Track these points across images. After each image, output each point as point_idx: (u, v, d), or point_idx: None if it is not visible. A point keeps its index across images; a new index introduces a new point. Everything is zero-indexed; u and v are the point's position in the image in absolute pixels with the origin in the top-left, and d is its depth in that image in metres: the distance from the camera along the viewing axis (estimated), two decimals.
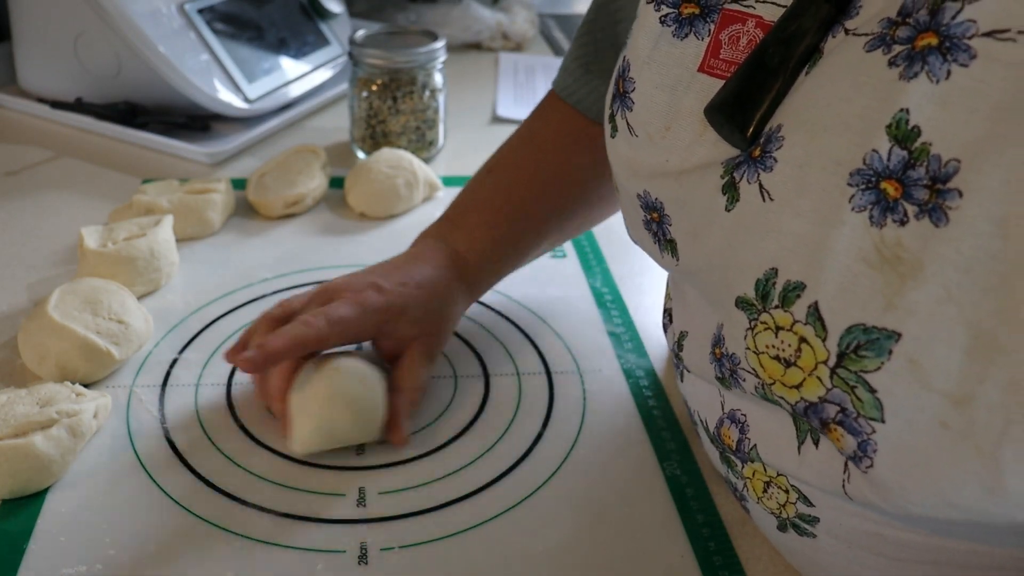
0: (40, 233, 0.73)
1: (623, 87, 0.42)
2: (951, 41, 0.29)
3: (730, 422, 0.42)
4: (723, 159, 0.37)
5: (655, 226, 0.42)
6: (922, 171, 0.29)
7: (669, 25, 0.40)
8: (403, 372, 0.53)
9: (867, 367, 0.31)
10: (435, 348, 0.55)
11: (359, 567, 0.44)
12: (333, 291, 0.53)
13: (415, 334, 0.53)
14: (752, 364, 0.36)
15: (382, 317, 0.52)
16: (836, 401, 0.32)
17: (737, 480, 0.43)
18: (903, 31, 0.31)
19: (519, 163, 0.60)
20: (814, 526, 0.39)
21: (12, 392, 0.51)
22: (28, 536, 0.45)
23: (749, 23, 0.38)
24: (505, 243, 0.59)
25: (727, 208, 0.36)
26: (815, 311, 0.32)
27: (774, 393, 0.35)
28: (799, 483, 0.39)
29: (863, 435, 0.32)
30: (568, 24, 1.46)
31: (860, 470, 0.33)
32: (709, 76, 0.39)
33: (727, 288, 0.37)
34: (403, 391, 0.52)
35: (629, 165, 0.43)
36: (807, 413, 0.34)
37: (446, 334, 0.56)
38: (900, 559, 0.37)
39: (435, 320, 0.55)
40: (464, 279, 0.57)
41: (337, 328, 0.50)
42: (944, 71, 0.29)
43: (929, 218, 0.29)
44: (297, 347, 0.49)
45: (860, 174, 0.31)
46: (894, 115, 0.30)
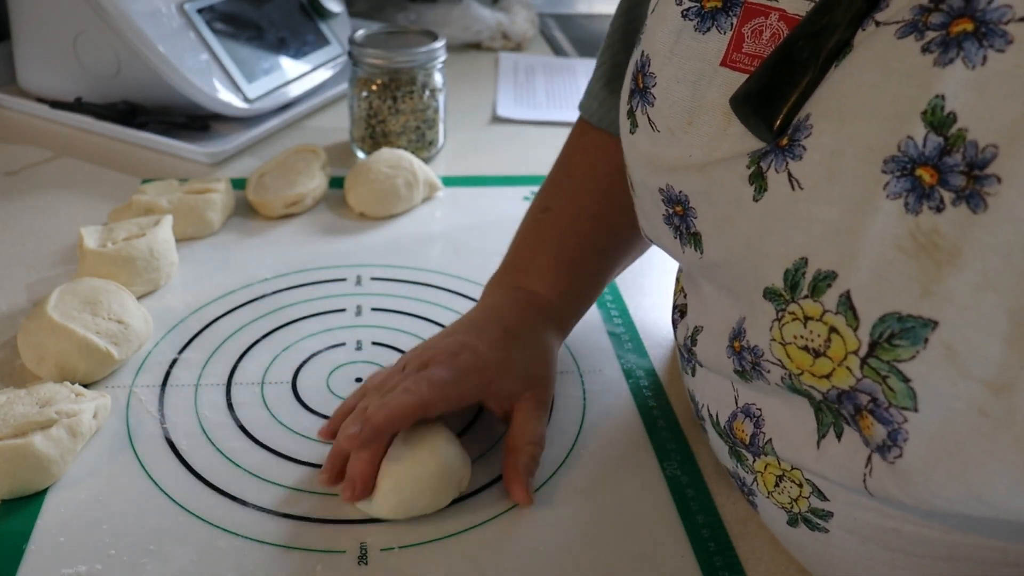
0: (40, 233, 0.73)
1: (643, 82, 0.42)
2: (987, 27, 0.29)
3: (744, 416, 0.42)
4: (749, 151, 0.37)
5: (678, 220, 0.42)
6: (959, 157, 0.29)
7: (691, 19, 0.40)
8: (517, 429, 0.50)
9: (901, 356, 0.31)
10: (545, 397, 0.53)
11: (359, 567, 0.44)
12: (427, 357, 0.51)
13: (521, 389, 0.51)
14: (778, 355, 0.36)
15: (486, 377, 0.50)
16: (866, 391, 0.32)
17: (746, 474, 0.43)
18: (936, 17, 0.31)
19: (573, 198, 0.59)
20: (827, 521, 0.39)
21: (12, 392, 0.51)
22: (28, 536, 0.45)
23: (772, 16, 0.37)
24: (582, 280, 0.58)
25: (755, 198, 0.36)
26: (847, 300, 0.32)
27: (802, 383, 0.35)
28: (815, 477, 0.39)
29: (894, 424, 0.32)
30: (568, 24, 1.46)
31: (887, 461, 0.33)
32: (732, 70, 0.38)
33: (754, 279, 0.37)
34: (520, 449, 0.49)
35: (650, 160, 0.42)
36: (840, 400, 0.34)
37: (552, 379, 0.54)
38: (914, 554, 0.37)
39: (538, 367, 0.53)
40: (550, 319, 0.56)
41: (441, 393, 0.48)
42: (980, 57, 0.29)
43: (967, 204, 0.29)
44: (402, 419, 0.47)
45: (895, 161, 0.31)
46: (929, 101, 0.30)
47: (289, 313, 0.64)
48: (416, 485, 0.46)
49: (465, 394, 0.50)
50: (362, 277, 0.69)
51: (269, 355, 0.60)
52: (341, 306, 0.66)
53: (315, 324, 0.63)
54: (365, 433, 0.46)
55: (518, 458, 0.49)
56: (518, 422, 0.51)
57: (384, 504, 0.46)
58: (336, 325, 0.63)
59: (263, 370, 0.58)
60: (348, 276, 0.69)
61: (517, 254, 0.60)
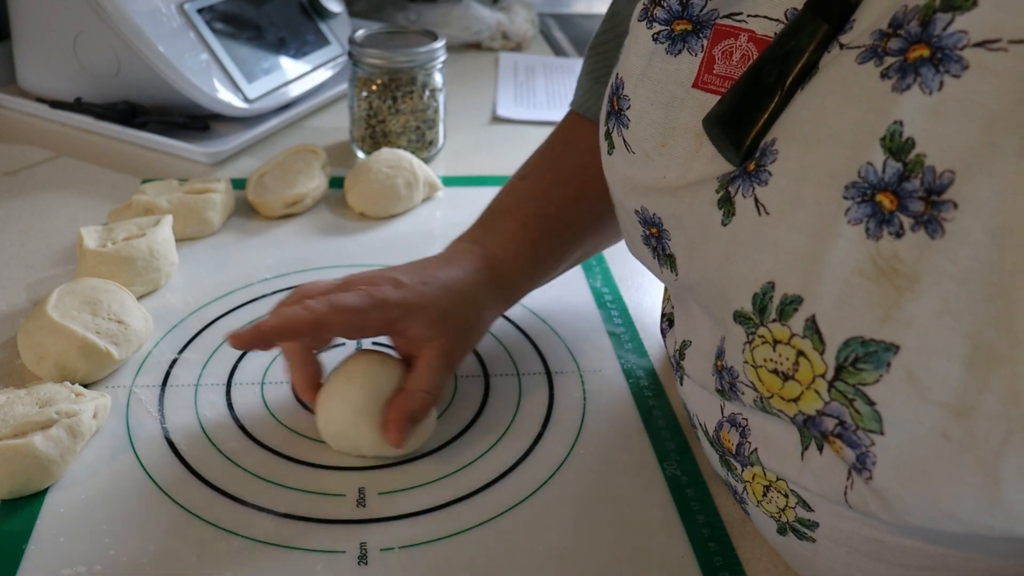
0: (39, 233, 0.73)
1: (618, 104, 0.42)
2: (943, 52, 0.29)
3: (730, 425, 0.42)
4: (719, 174, 0.37)
5: (654, 241, 0.42)
6: (917, 183, 0.29)
7: (662, 42, 0.40)
8: (414, 372, 0.50)
9: (865, 380, 0.31)
10: (455, 352, 0.52)
11: (359, 567, 0.44)
12: (351, 282, 0.51)
13: (431, 336, 0.51)
14: (750, 378, 0.36)
15: (394, 313, 0.50)
16: (834, 414, 0.32)
17: (737, 483, 0.43)
18: (895, 43, 0.31)
19: (553, 167, 0.60)
20: (813, 531, 0.39)
21: (11, 392, 0.51)
22: (28, 536, 0.45)
23: (742, 37, 0.38)
24: (542, 246, 0.58)
25: (723, 222, 0.36)
26: (812, 324, 0.32)
27: (772, 407, 0.35)
28: (799, 488, 0.39)
29: (862, 447, 0.32)
30: (568, 24, 1.46)
31: (861, 479, 0.33)
32: (704, 92, 0.39)
33: (725, 302, 0.37)
34: (410, 392, 0.49)
35: (626, 182, 0.42)
36: (807, 425, 0.34)
37: (470, 340, 0.54)
38: (899, 565, 0.37)
39: (457, 324, 0.52)
40: (498, 283, 0.55)
41: (340, 316, 0.48)
42: (937, 82, 0.29)
43: (925, 230, 0.29)
44: (291, 328, 0.47)
45: (855, 187, 0.31)
46: (888, 127, 0.30)
47: None
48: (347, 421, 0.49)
49: (367, 324, 0.50)
50: None
51: (269, 355, 0.59)
52: None
53: None
54: (251, 336, 0.47)
55: (404, 400, 0.49)
56: (417, 367, 0.50)
57: (326, 432, 0.50)
58: None
59: (263, 370, 0.58)
60: None
61: (485, 215, 0.60)
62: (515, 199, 0.59)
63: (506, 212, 0.59)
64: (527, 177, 0.60)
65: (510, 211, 0.59)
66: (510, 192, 0.60)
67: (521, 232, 0.57)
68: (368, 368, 0.51)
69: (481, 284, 0.54)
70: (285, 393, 0.56)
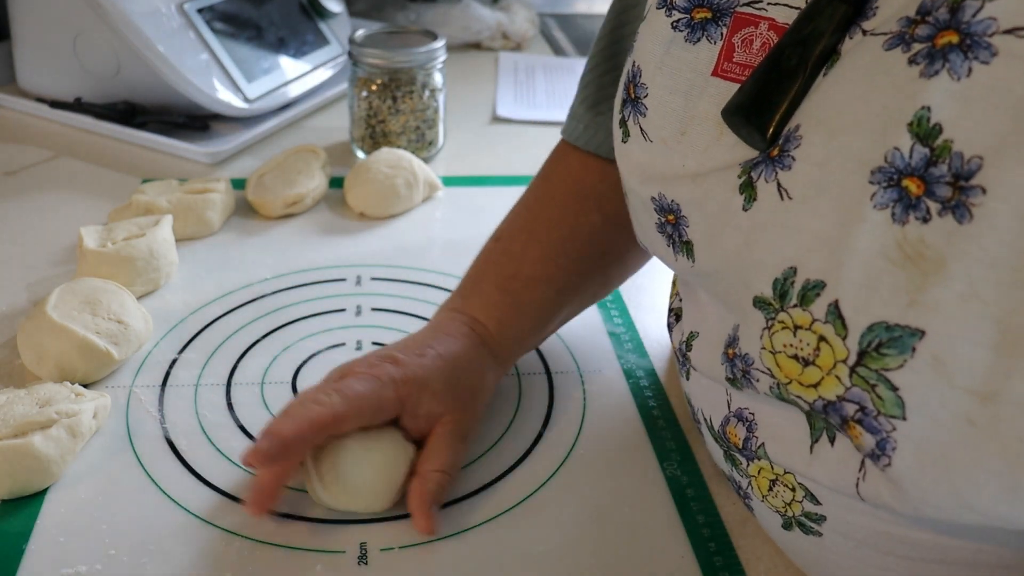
0: (39, 233, 0.73)
1: (634, 92, 0.42)
2: (972, 39, 0.29)
3: (737, 420, 0.42)
4: (741, 160, 0.37)
5: (670, 228, 0.42)
6: (944, 168, 0.29)
7: (681, 30, 0.40)
8: (427, 452, 0.48)
9: (889, 365, 0.31)
10: (466, 425, 0.50)
11: (359, 567, 0.44)
12: (347, 369, 0.49)
13: (441, 411, 0.49)
14: (767, 363, 0.36)
15: (404, 390, 0.47)
16: (855, 400, 0.32)
17: (741, 478, 0.43)
18: (922, 29, 0.31)
19: (528, 227, 0.57)
20: (820, 524, 0.39)
21: (11, 392, 0.51)
22: (27, 536, 0.45)
23: (762, 26, 0.38)
24: (523, 308, 0.55)
25: (744, 208, 0.36)
26: (835, 309, 0.32)
27: (790, 392, 0.35)
28: (807, 481, 0.39)
29: (882, 433, 0.32)
30: (568, 24, 1.46)
31: (878, 468, 0.33)
32: (723, 80, 0.38)
33: (744, 288, 0.37)
34: (426, 475, 0.47)
35: (643, 170, 0.42)
36: (826, 411, 0.34)
37: (477, 409, 0.52)
38: (907, 557, 0.37)
39: (462, 394, 0.50)
40: (488, 347, 0.53)
41: (355, 405, 0.45)
42: (965, 68, 0.29)
43: (952, 215, 0.29)
44: (311, 431, 0.44)
45: (882, 172, 0.31)
46: (915, 112, 0.30)
47: (289, 313, 0.64)
48: (359, 479, 0.46)
49: (382, 407, 0.47)
50: (362, 277, 0.69)
51: (269, 355, 0.60)
52: (341, 306, 0.65)
53: (315, 324, 0.63)
54: (274, 448, 0.43)
55: (423, 485, 0.46)
56: (430, 446, 0.48)
57: (327, 492, 0.46)
58: (336, 325, 0.63)
59: (263, 370, 0.58)
60: (348, 276, 0.69)
61: (465, 280, 0.58)
62: (490, 264, 0.57)
63: (482, 278, 0.57)
64: (501, 239, 0.58)
65: (486, 276, 0.56)
66: (486, 256, 0.58)
67: (499, 295, 0.55)
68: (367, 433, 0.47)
69: (475, 350, 0.52)
70: (285, 393, 0.56)
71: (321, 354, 0.60)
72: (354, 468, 0.46)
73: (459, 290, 0.57)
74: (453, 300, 0.56)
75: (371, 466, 0.46)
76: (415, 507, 0.46)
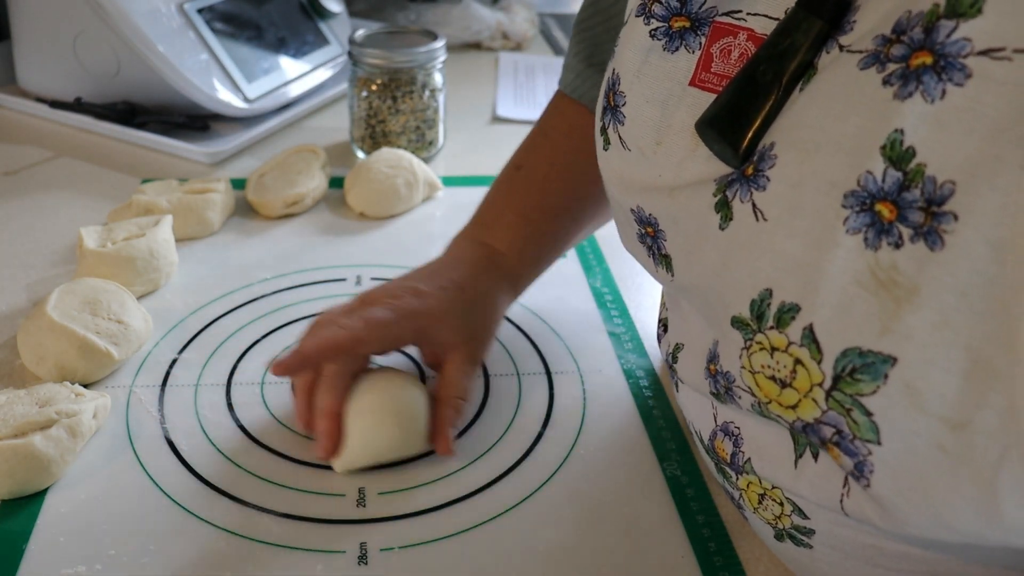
0: (39, 233, 0.73)
1: (613, 100, 0.42)
2: (946, 60, 0.28)
3: (723, 435, 0.42)
4: (716, 176, 0.37)
5: (650, 240, 0.42)
6: (917, 193, 0.29)
7: (659, 39, 0.40)
8: (447, 380, 0.51)
9: (863, 391, 0.30)
10: (479, 353, 0.53)
11: (359, 567, 0.44)
12: (371, 298, 0.51)
13: (458, 340, 0.52)
14: (748, 383, 0.36)
15: (423, 322, 0.50)
16: (832, 423, 0.32)
17: (733, 490, 0.43)
18: (897, 49, 0.30)
19: (547, 159, 0.60)
20: (810, 537, 0.39)
21: (11, 392, 0.51)
22: (28, 536, 0.45)
23: (740, 36, 0.37)
24: (543, 237, 0.58)
25: (721, 227, 0.36)
26: (810, 333, 0.32)
27: (771, 412, 0.35)
28: (794, 496, 0.38)
29: (859, 456, 0.32)
30: (568, 24, 1.46)
31: (859, 487, 0.33)
32: (701, 90, 0.38)
33: (722, 307, 0.36)
34: (447, 400, 0.51)
35: (622, 179, 0.42)
36: (806, 431, 0.34)
37: (490, 338, 0.55)
38: (897, 570, 0.37)
39: (478, 324, 0.53)
40: (506, 277, 0.56)
41: (375, 332, 0.48)
42: (939, 90, 0.28)
43: (924, 241, 0.29)
44: (331, 349, 0.47)
45: (854, 195, 0.30)
46: (888, 135, 0.30)
47: (289, 313, 0.64)
48: (381, 434, 0.48)
49: (401, 335, 0.50)
50: (362, 277, 0.69)
51: (269, 355, 0.59)
52: None
53: None
54: (294, 360, 0.46)
55: (445, 411, 0.50)
56: (448, 373, 0.51)
57: (353, 459, 0.49)
58: None
59: (263, 370, 0.58)
60: (348, 276, 0.69)
61: (485, 209, 0.60)
62: (513, 193, 0.59)
63: (505, 206, 0.59)
64: (523, 167, 0.60)
65: (509, 205, 0.59)
66: (508, 183, 0.60)
67: (523, 226, 0.57)
68: (387, 382, 0.51)
69: (492, 280, 0.55)
70: (285, 393, 0.56)
71: None
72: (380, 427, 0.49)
73: (479, 217, 0.60)
74: (473, 229, 0.59)
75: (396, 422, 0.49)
76: (438, 432, 0.50)
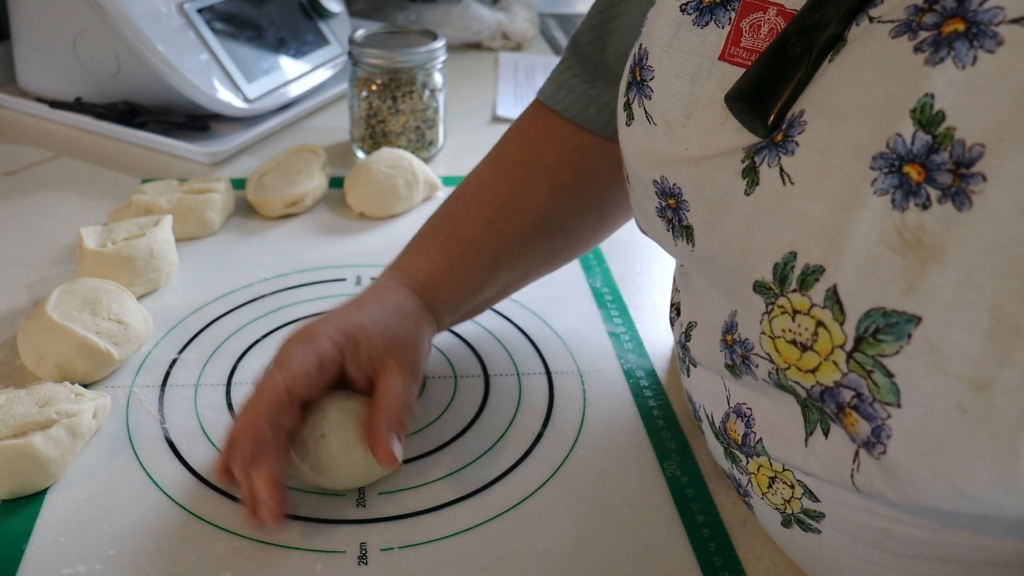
0: (39, 233, 0.73)
1: (640, 75, 0.42)
2: (978, 27, 0.29)
3: (736, 416, 0.42)
4: (744, 145, 0.37)
5: (670, 212, 0.42)
6: (946, 155, 0.29)
7: (690, 13, 0.40)
8: (382, 391, 0.47)
9: (885, 351, 0.31)
10: (410, 364, 0.49)
11: (359, 567, 0.44)
12: (283, 343, 0.48)
13: (381, 351, 0.48)
14: (767, 349, 0.36)
15: (339, 339, 0.47)
16: (852, 386, 0.32)
17: (741, 476, 0.43)
18: (929, 17, 0.31)
19: (473, 192, 0.58)
20: (819, 521, 0.39)
21: (11, 392, 0.51)
22: (27, 536, 0.45)
23: (770, 11, 0.38)
24: (458, 268, 0.55)
25: (747, 192, 0.36)
26: (833, 294, 0.32)
27: (788, 378, 0.35)
28: (805, 477, 0.39)
29: (878, 420, 0.32)
30: (568, 24, 1.46)
31: (872, 457, 0.33)
32: (730, 64, 0.39)
33: (744, 272, 0.37)
34: (383, 407, 0.47)
35: (645, 153, 0.42)
36: (823, 397, 0.34)
37: (416, 351, 0.51)
38: (905, 555, 0.37)
39: (399, 335, 0.50)
40: (422, 300, 0.54)
41: (297, 371, 0.45)
42: (970, 57, 0.29)
43: (952, 202, 0.29)
44: (265, 415, 0.44)
45: (883, 158, 0.31)
46: (918, 99, 0.30)
47: (289, 313, 0.64)
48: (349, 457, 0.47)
49: (323, 361, 0.46)
50: (362, 277, 0.69)
51: (269, 355, 0.60)
52: None
53: None
54: (247, 452, 0.43)
55: (379, 416, 0.46)
56: (381, 385, 0.48)
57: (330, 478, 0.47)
58: None
59: (263, 370, 0.58)
60: (348, 276, 0.69)
61: (408, 243, 0.58)
62: (432, 224, 0.58)
63: (423, 239, 0.57)
64: (447, 202, 0.59)
65: (426, 237, 0.57)
66: (430, 219, 0.59)
67: (436, 254, 0.55)
68: (338, 403, 0.48)
69: (407, 299, 0.53)
70: None
71: None
72: (337, 448, 0.46)
73: (401, 252, 0.58)
74: (397, 258, 0.57)
75: (352, 440, 0.47)
76: (373, 439, 0.46)
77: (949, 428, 0.30)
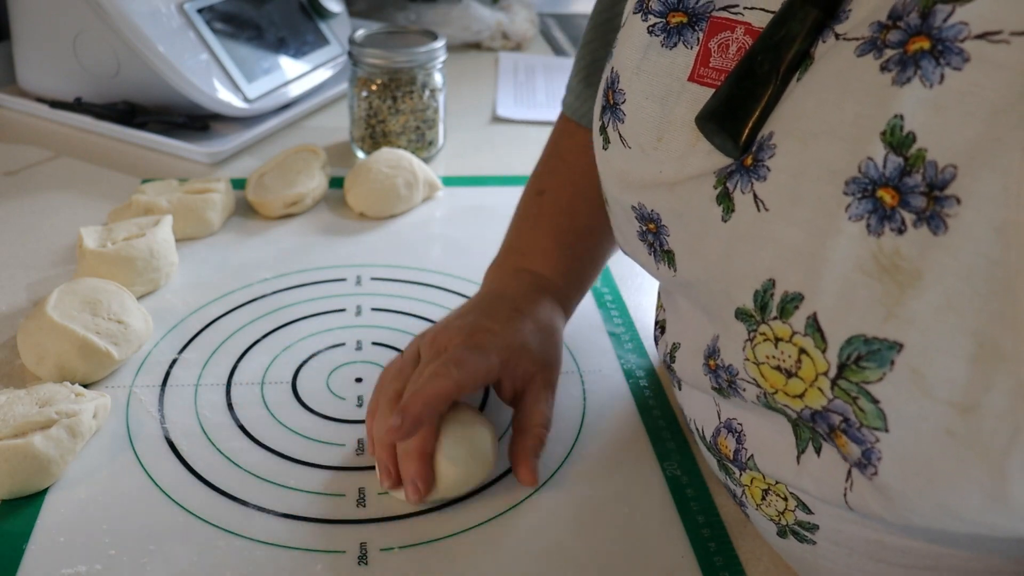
0: (39, 233, 0.73)
1: (613, 98, 0.42)
2: (943, 44, 0.29)
3: (727, 431, 0.42)
4: (716, 168, 0.37)
5: (651, 237, 0.42)
6: (919, 178, 0.29)
7: (657, 35, 0.40)
8: (528, 410, 0.51)
9: (869, 378, 0.30)
10: (554, 380, 0.53)
11: (359, 567, 0.44)
12: (443, 341, 0.51)
13: (535, 369, 0.51)
14: (752, 374, 0.36)
15: (504, 355, 0.50)
16: (839, 411, 0.32)
17: (735, 487, 0.43)
18: (894, 35, 0.30)
19: (568, 181, 0.59)
20: (813, 533, 0.39)
21: (11, 392, 0.51)
22: (27, 536, 0.45)
23: (738, 30, 0.37)
24: (580, 259, 0.59)
25: (723, 219, 0.36)
26: (814, 322, 0.32)
27: (777, 402, 0.35)
28: (798, 491, 0.38)
29: (867, 444, 0.32)
30: (568, 24, 1.46)
31: (865, 477, 0.33)
32: (700, 85, 0.38)
33: (726, 299, 0.36)
34: (528, 430, 0.50)
35: (623, 177, 0.42)
36: (814, 419, 0.34)
37: (559, 363, 0.55)
38: (900, 565, 0.37)
39: (550, 351, 0.53)
40: (558, 301, 0.57)
41: (469, 373, 0.48)
42: (937, 75, 0.29)
43: (927, 226, 0.29)
44: (439, 402, 0.47)
45: (856, 182, 0.30)
46: (888, 121, 0.30)
47: (289, 313, 0.64)
48: (467, 463, 0.48)
49: (489, 372, 0.50)
50: (362, 277, 0.69)
51: (269, 355, 0.60)
52: (341, 306, 0.66)
53: (315, 324, 0.63)
54: (407, 424, 0.45)
55: (526, 440, 0.50)
56: (528, 403, 0.51)
57: (444, 490, 0.48)
58: (336, 325, 0.63)
59: (263, 370, 0.58)
60: (348, 276, 0.69)
61: (516, 237, 0.60)
62: (543, 218, 0.59)
63: (539, 233, 0.59)
64: (545, 192, 0.60)
65: (540, 230, 0.59)
66: (535, 210, 0.60)
67: (560, 250, 0.58)
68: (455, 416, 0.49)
69: (549, 307, 0.55)
70: (285, 393, 0.56)
71: (321, 354, 0.60)
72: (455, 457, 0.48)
73: (512, 246, 0.60)
74: (511, 258, 0.59)
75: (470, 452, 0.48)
76: (520, 461, 0.49)
77: (938, 452, 0.29)
